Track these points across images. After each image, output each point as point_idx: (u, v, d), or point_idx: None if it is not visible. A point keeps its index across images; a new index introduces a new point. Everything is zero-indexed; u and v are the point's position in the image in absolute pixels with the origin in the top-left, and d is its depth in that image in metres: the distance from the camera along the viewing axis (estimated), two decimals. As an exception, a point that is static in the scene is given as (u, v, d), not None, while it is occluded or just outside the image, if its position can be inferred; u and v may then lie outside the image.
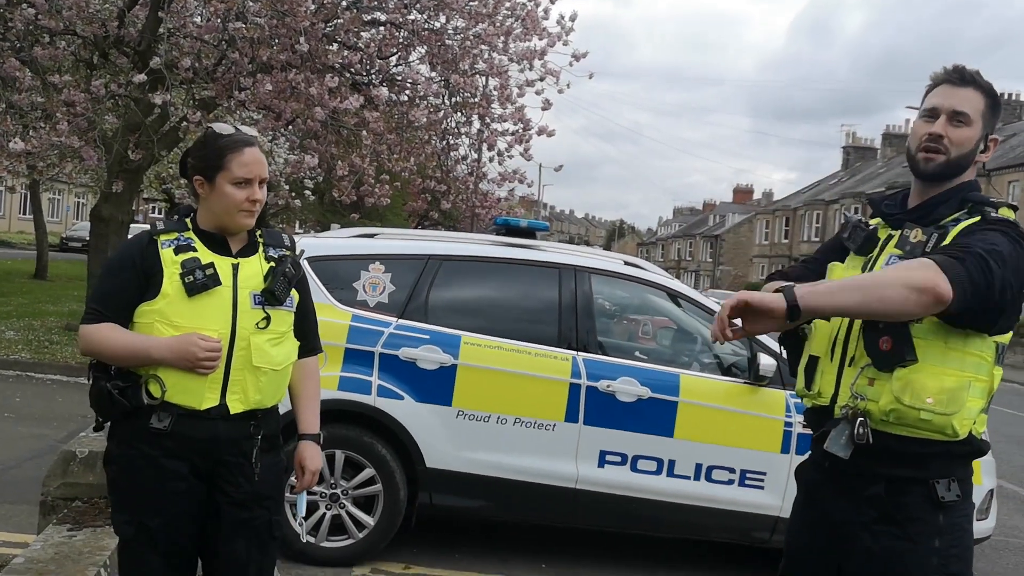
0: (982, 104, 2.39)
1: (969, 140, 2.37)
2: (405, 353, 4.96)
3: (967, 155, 2.38)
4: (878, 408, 2.27)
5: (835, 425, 2.33)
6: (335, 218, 23.78)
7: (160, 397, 2.50)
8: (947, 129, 2.37)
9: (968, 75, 2.41)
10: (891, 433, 2.27)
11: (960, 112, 2.37)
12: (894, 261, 2.34)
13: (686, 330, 5.77)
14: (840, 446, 2.31)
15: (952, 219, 2.35)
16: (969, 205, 2.36)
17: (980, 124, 2.38)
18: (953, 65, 2.45)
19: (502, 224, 6.11)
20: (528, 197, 18.81)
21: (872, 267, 2.41)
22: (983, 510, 5.33)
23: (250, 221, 2.62)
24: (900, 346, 2.23)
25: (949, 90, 2.40)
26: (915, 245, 2.32)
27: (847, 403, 2.32)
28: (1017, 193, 35.15)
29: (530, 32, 11.13)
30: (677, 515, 5.10)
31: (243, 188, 2.57)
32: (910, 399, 2.23)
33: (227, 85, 10.04)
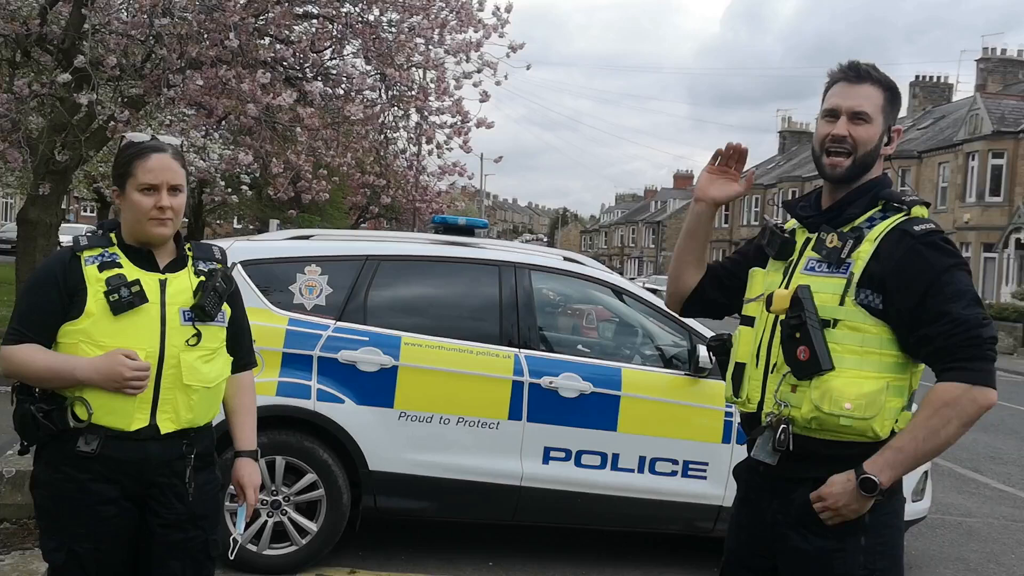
0: (881, 99, 2.40)
1: (872, 138, 2.40)
2: (344, 356, 4.91)
3: (871, 152, 2.41)
4: (800, 415, 2.30)
5: (760, 433, 2.37)
6: (273, 213, 23.43)
7: (86, 419, 2.43)
8: (849, 129, 2.39)
9: (864, 71, 2.43)
10: (816, 438, 2.31)
11: (859, 112, 2.39)
12: (813, 264, 2.37)
13: (628, 323, 5.80)
14: (766, 453, 2.35)
15: (866, 219, 2.38)
16: (882, 203, 2.39)
17: (881, 119, 2.41)
18: (848, 62, 2.46)
19: (440, 222, 6.07)
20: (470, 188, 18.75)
21: (793, 272, 2.42)
22: (918, 491, 5.47)
23: (163, 230, 2.52)
24: (817, 355, 2.26)
25: (847, 88, 2.42)
26: (831, 250, 2.34)
27: (772, 410, 2.36)
28: (947, 174, 36.08)
29: (465, 24, 11.04)
30: (622, 508, 5.14)
31: (150, 195, 2.48)
32: (829, 407, 2.26)
33: (155, 82, 9.78)
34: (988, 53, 40.16)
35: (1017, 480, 8.88)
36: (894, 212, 2.36)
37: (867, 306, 2.29)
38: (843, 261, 2.31)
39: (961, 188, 34.23)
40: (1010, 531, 6.97)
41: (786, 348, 2.32)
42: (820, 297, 2.30)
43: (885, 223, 2.34)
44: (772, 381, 2.37)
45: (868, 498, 2.25)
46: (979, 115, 33.37)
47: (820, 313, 2.29)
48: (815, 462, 2.31)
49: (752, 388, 2.44)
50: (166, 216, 2.50)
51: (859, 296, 2.29)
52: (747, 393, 2.46)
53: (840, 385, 2.25)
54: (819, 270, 2.36)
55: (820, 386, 2.27)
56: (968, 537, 6.69)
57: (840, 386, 2.25)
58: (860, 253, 2.31)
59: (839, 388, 2.25)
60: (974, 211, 33.22)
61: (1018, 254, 31.22)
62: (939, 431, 2.22)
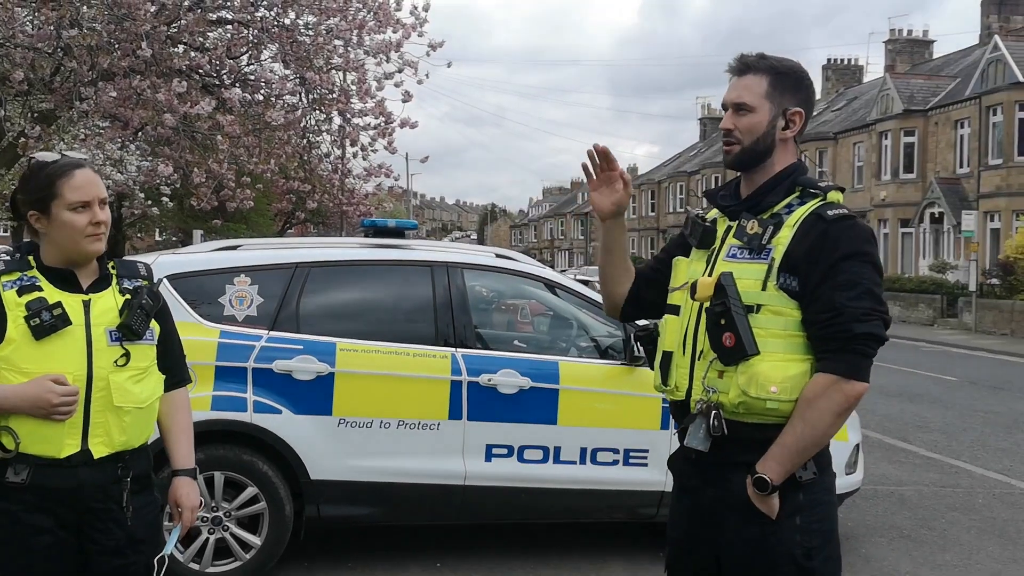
0: (764, 86, 2.45)
1: (757, 125, 2.45)
2: (279, 366, 4.84)
3: (761, 139, 2.46)
4: (728, 400, 2.34)
5: (692, 420, 2.40)
6: (197, 224, 22.95)
7: (14, 449, 2.35)
8: (734, 121, 2.47)
9: (746, 62, 2.49)
10: (745, 422, 2.35)
11: (740, 104, 2.46)
12: (735, 251, 2.41)
13: (562, 316, 5.84)
14: (699, 440, 2.38)
15: (784, 205, 2.43)
16: (799, 189, 2.44)
17: (767, 106, 2.45)
18: (738, 55, 2.53)
19: (370, 225, 6.03)
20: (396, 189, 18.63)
21: (715, 260, 2.46)
22: (851, 464, 5.62)
23: (99, 246, 2.47)
24: (742, 341, 2.30)
25: (733, 82, 2.51)
26: (752, 237, 2.39)
27: (700, 397, 2.39)
28: (862, 153, 37.08)
29: (384, 24, 10.97)
30: (566, 500, 5.18)
31: (82, 212, 2.42)
32: (755, 391, 2.30)
33: (67, 95, 9.50)
34: (895, 35, 41.39)
35: (944, 447, 9.20)
36: (811, 198, 2.41)
37: (786, 289, 2.33)
38: (764, 247, 2.36)
39: (876, 166, 35.23)
40: (939, 496, 7.22)
41: (712, 335, 2.35)
42: (743, 283, 2.34)
43: (803, 208, 2.39)
44: (699, 368, 2.41)
45: (767, 496, 2.30)
46: (889, 95, 34.38)
47: (743, 299, 2.32)
48: (746, 446, 2.35)
49: (680, 376, 2.47)
50: (101, 231, 2.46)
51: (779, 280, 2.33)
52: (675, 381, 2.48)
53: (766, 369, 2.29)
54: (741, 257, 2.39)
55: (746, 371, 2.30)
56: (900, 505, 6.91)
57: (766, 370, 2.29)
58: (780, 239, 2.35)
59: (765, 372, 2.29)
60: (890, 188, 34.24)
61: (933, 228, 32.28)
62: (816, 423, 2.27)
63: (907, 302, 28.77)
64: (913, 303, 28.72)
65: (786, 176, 2.47)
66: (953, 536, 6.21)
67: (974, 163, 30.40)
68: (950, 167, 32.02)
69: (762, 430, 2.34)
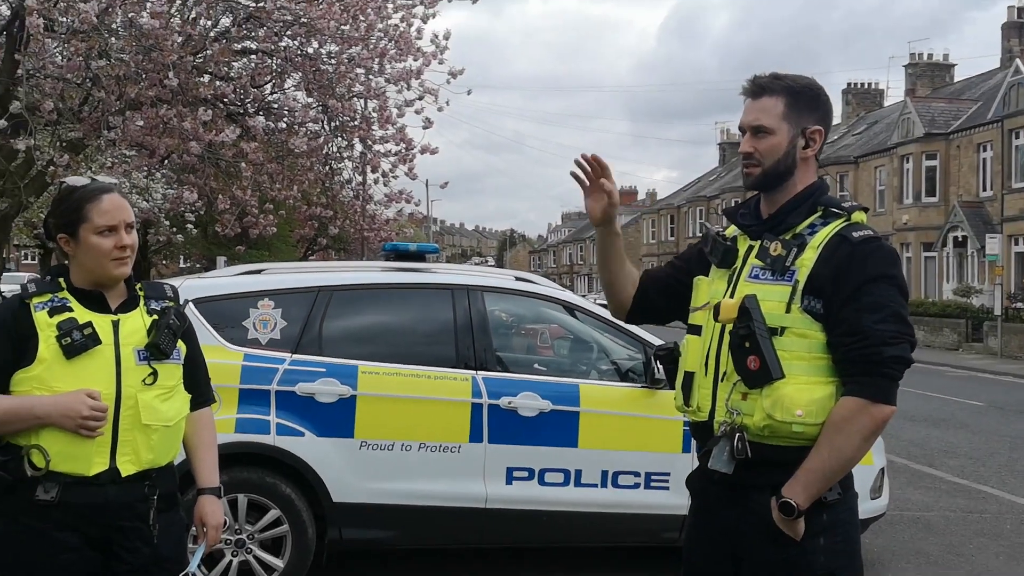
0: (781, 107, 2.44)
1: (776, 147, 2.44)
2: (302, 388, 4.88)
3: (782, 160, 2.44)
4: (753, 423, 2.33)
5: (716, 443, 2.38)
6: (220, 251, 23.16)
7: (44, 467, 2.39)
8: (753, 144, 2.46)
9: (760, 84, 2.48)
10: (769, 445, 2.33)
11: (758, 126, 2.45)
12: (757, 272, 2.40)
13: (582, 339, 5.85)
14: (723, 462, 2.36)
15: (807, 225, 2.42)
16: (822, 209, 2.43)
17: (785, 127, 2.44)
18: (752, 77, 2.52)
19: (391, 249, 6.08)
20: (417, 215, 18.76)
21: (737, 280, 2.45)
22: (876, 488, 5.57)
23: (124, 269, 2.53)
24: (767, 364, 2.29)
25: (749, 105, 2.49)
26: (775, 258, 2.37)
27: (724, 419, 2.37)
28: (884, 177, 36.92)
29: (405, 53, 11.10)
30: (588, 524, 5.17)
31: (109, 236, 2.48)
32: (781, 415, 2.29)
33: (95, 125, 9.66)
34: (915, 58, 41.31)
35: (970, 472, 9.09)
36: (834, 218, 2.40)
37: (811, 312, 2.32)
38: (787, 269, 2.35)
39: (898, 190, 35.06)
40: (967, 522, 7.13)
41: (736, 357, 2.34)
42: (766, 305, 2.33)
43: (826, 229, 2.38)
44: (722, 389, 2.39)
45: (793, 520, 2.29)
46: (910, 119, 34.27)
47: (768, 321, 2.31)
48: (770, 468, 2.34)
49: (702, 397, 2.45)
50: (127, 255, 2.51)
51: (804, 302, 2.32)
52: (697, 402, 2.47)
53: (791, 392, 2.28)
54: (763, 278, 2.38)
55: (771, 394, 2.29)
56: (927, 531, 6.83)
57: (791, 393, 2.28)
58: (804, 260, 2.34)
59: (790, 395, 2.28)
60: (912, 212, 34.04)
61: (957, 252, 32.03)
62: (843, 448, 2.27)
63: (931, 326, 28.51)
64: (937, 327, 28.45)
65: (808, 196, 2.46)
66: (981, 562, 6.13)
67: (997, 186, 30.20)
68: (973, 190, 31.82)
69: (786, 452, 2.32)
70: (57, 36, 9.24)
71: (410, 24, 11.08)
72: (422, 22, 11.11)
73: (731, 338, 2.36)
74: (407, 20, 11.05)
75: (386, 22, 10.95)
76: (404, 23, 11.05)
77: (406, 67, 11.18)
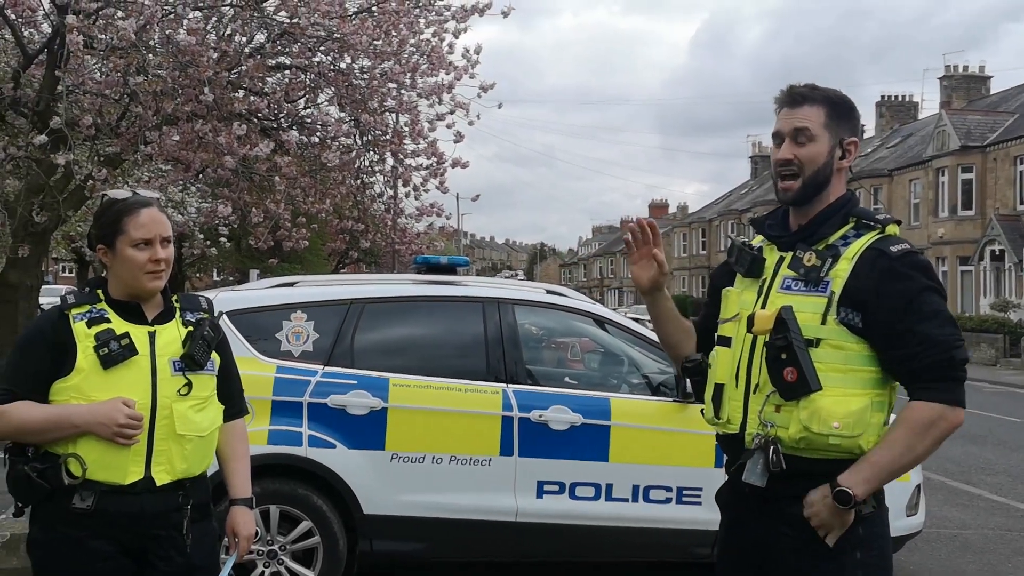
0: (823, 116, 2.43)
1: (818, 155, 2.42)
2: (334, 400, 4.91)
3: (821, 170, 2.42)
4: (788, 436, 2.31)
5: (750, 456, 2.35)
6: (253, 264, 23.37)
7: (81, 476, 2.43)
8: (793, 150, 2.42)
9: (800, 93, 2.46)
10: (803, 457, 2.31)
11: (800, 128, 2.42)
12: (789, 283, 2.39)
13: (613, 353, 5.83)
14: (756, 475, 2.33)
15: (840, 236, 2.40)
16: (854, 220, 2.41)
17: (826, 136, 2.42)
18: (788, 86, 2.50)
19: (422, 263, 6.11)
20: (447, 228, 18.84)
21: (768, 290, 2.43)
22: (912, 505, 5.49)
23: (158, 283, 2.56)
24: (805, 376, 2.27)
25: (787, 112, 2.46)
26: (809, 269, 2.36)
27: (757, 431, 2.36)
28: (918, 191, 36.53)
29: (436, 67, 11.19)
30: (619, 538, 5.13)
31: (144, 249, 2.52)
32: (818, 427, 2.27)
33: (132, 139, 9.83)
34: (951, 71, 40.90)
35: (1008, 490, 8.93)
36: (867, 230, 2.39)
37: (848, 324, 2.30)
38: (821, 280, 2.33)
39: (933, 203, 34.67)
40: (1005, 541, 7.01)
41: (772, 369, 2.32)
42: (801, 316, 2.31)
43: (861, 241, 2.36)
44: (755, 401, 2.37)
45: (845, 511, 2.27)
46: (946, 131, 33.91)
47: (803, 332, 2.29)
48: (803, 480, 2.32)
49: (733, 409, 2.43)
50: (160, 268, 2.54)
51: (840, 314, 2.30)
52: (728, 414, 2.45)
53: (828, 404, 2.26)
54: (796, 289, 2.36)
55: (808, 406, 2.27)
56: (964, 549, 6.71)
57: (828, 405, 2.26)
58: (838, 271, 2.33)
59: (827, 407, 2.26)
60: (947, 225, 33.63)
61: (994, 266, 31.58)
62: (915, 447, 2.27)
63: (968, 341, 28.03)
64: (975, 343, 28.03)
65: (840, 206, 2.44)
66: (1020, 581, 6.02)
67: (1035, 199, 29.76)
68: (1010, 203, 31.37)
69: (817, 464, 2.30)
70: (96, 53, 9.42)
71: (442, 39, 11.17)
72: (454, 37, 11.20)
73: (767, 350, 2.34)
74: (439, 35, 11.14)
75: (418, 37, 11.06)
76: (436, 38, 11.15)
77: (438, 81, 11.27)
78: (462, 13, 11.08)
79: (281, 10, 9.91)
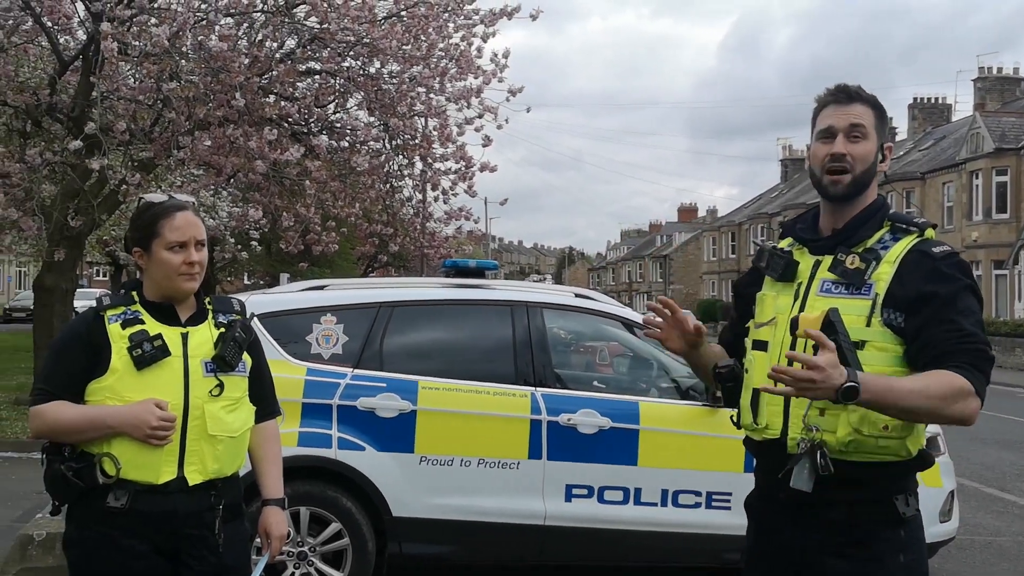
0: (873, 117, 2.43)
1: (869, 153, 2.42)
2: (363, 403, 4.94)
3: (869, 169, 2.42)
4: (835, 439, 2.27)
5: (796, 461, 2.31)
6: (283, 268, 23.55)
7: (115, 475, 2.46)
8: (847, 146, 2.41)
9: (853, 92, 2.46)
10: (849, 461, 2.29)
11: (857, 124, 2.41)
12: (829, 286, 2.36)
13: (642, 357, 5.81)
14: (803, 480, 2.29)
15: (877, 239, 2.39)
16: (889, 224, 2.40)
17: (875, 136, 2.43)
18: (837, 85, 2.49)
19: (451, 266, 6.13)
20: (476, 232, 18.90)
21: (807, 294, 2.41)
22: (945, 512, 5.42)
23: (192, 285, 2.60)
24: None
25: (839, 109, 2.44)
26: (854, 272, 2.33)
27: (801, 435, 2.31)
28: (952, 194, 36.09)
29: (465, 71, 11.24)
30: (647, 543, 5.11)
31: (178, 252, 2.55)
32: (868, 429, 2.25)
33: (165, 145, 9.96)
34: (984, 72, 40.39)
35: (1044, 496, 8.79)
36: (904, 234, 2.37)
37: (891, 326, 2.29)
38: (864, 282, 2.31)
39: (967, 207, 34.24)
40: (1041, 548, 6.89)
41: None
42: (846, 319, 2.28)
43: (900, 244, 2.35)
44: (797, 406, 2.33)
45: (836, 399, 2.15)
46: (980, 133, 33.47)
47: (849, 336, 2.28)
48: (845, 484, 2.29)
49: (772, 414, 2.40)
50: (195, 271, 2.58)
51: (884, 316, 2.29)
52: (767, 419, 2.41)
53: None
54: (837, 292, 2.34)
55: (858, 408, 2.23)
56: (999, 556, 6.62)
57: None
58: (880, 274, 2.31)
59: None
60: (981, 229, 33.19)
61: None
62: (930, 397, 2.17)
63: (1002, 347, 27.65)
64: (1009, 348, 27.60)
65: (876, 210, 2.43)
66: (1056, 590, 5.92)
67: (1072, 202, 29.29)
68: (1046, 207, 30.92)
69: (860, 467, 2.29)
70: (130, 59, 9.55)
71: (470, 43, 11.21)
72: (482, 41, 11.24)
73: (815, 353, 2.27)
74: (467, 39, 11.19)
75: (447, 41, 11.10)
76: (464, 42, 11.19)
77: (466, 86, 11.31)
78: (490, 17, 11.12)
79: (311, 16, 10.01)
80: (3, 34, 9.73)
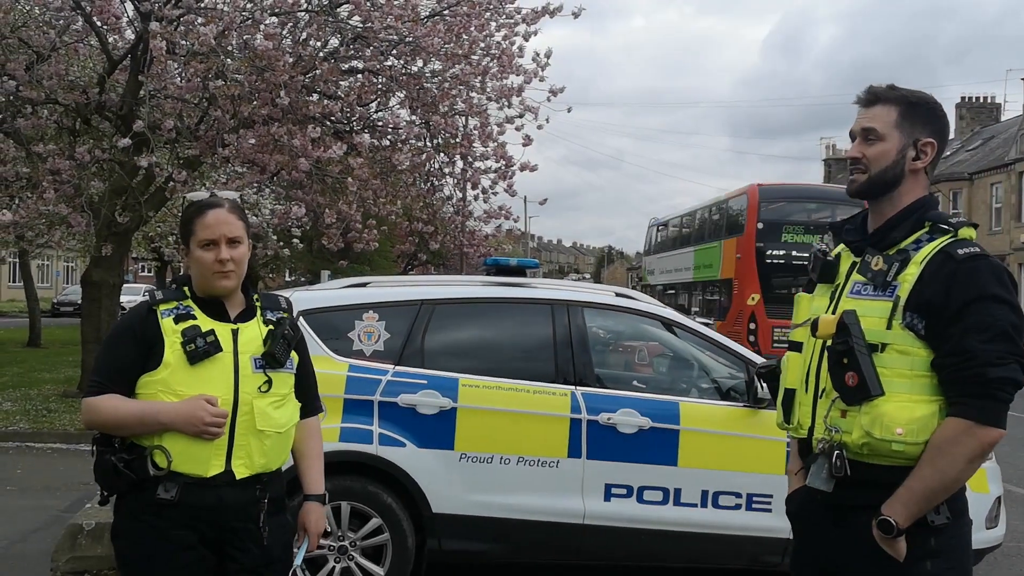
0: (894, 116, 2.42)
1: (885, 154, 2.41)
2: (404, 399, 4.97)
3: (888, 168, 2.41)
4: (852, 441, 2.28)
5: (814, 460, 2.34)
6: (324, 265, 23.79)
7: (166, 467, 2.51)
8: (862, 149, 2.43)
9: (874, 93, 2.46)
10: (868, 463, 2.28)
11: (868, 129, 2.43)
12: (858, 288, 2.37)
13: (682, 357, 5.79)
14: (821, 480, 2.32)
15: (912, 241, 2.36)
16: (929, 224, 2.38)
17: (896, 135, 2.41)
18: (868, 86, 2.50)
19: (492, 264, 6.15)
20: (515, 231, 18.93)
21: (839, 296, 2.42)
22: (992, 518, 5.33)
23: (227, 283, 2.62)
24: (865, 381, 2.24)
25: (861, 112, 2.48)
26: (876, 273, 2.33)
27: (823, 436, 2.34)
28: (1000, 194, 35.43)
29: (506, 70, 11.26)
30: (686, 544, 5.09)
31: (210, 250, 2.59)
32: (880, 432, 2.24)
33: (210, 142, 10.10)
34: (1035, 70, 39.58)
35: (1094, 504, 8.59)
36: (941, 234, 2.35)
37: (913, 329, 2.27)
38: (888, 284, 2.30)
39: (1016, 208, 33.58)
40: (1090, 557, 6.74)
41: (834, 374, 2.31)
42: (867, 321, 2.28)
43: (931, 245, 2.33)
44: (821, 406, 2.36)
45: (893, 539, 2.23)
46: (1030, 133, 32.83)
47: (868, 337, 2.27)
48: (871, 488, 2.28)
49: (803, 414, 2.43)
50: (228, 268, 2.60)
51: (905, 319, 2.27)
52: (798, 419, 2.45)
53: (891, 410, 2.23)
54: (865, 294, 2.34)
55: (870, 411, 2.24)
56: (1046, 564, 6.49)
57: (891, 411, 2.23)
58: (906, 276, 2.29)
59: (890, 413, 2.23)
60: (1031, 231, 32.56)
61: (1080, 272, 30.44)
62: (946, 469, 2.20)
63: (1052, 351, 27.09)
64: (1058, 352, 27.01)
65: (915, 210, 2.41)
66: (1106, 600, 5.79)
67: (1125, 204, 28.59)
68: (1098, 208, 30.22)
69: (887, 472, 2.27)
70: (177, 58, 9.70)
71: (512, 42, 11.22)
72: (524, 40, 11.24)
73: (830, 354, 2.33)
74: (509, 38, 11.19)
75: (488, 40, 11.12)
76: (506, 41, 11.20)
77: (507, 84, 11.33)
78: (532, 15, 11.12)
79: (355, 15, 10.09)
80: (55, 34, 9.94)
